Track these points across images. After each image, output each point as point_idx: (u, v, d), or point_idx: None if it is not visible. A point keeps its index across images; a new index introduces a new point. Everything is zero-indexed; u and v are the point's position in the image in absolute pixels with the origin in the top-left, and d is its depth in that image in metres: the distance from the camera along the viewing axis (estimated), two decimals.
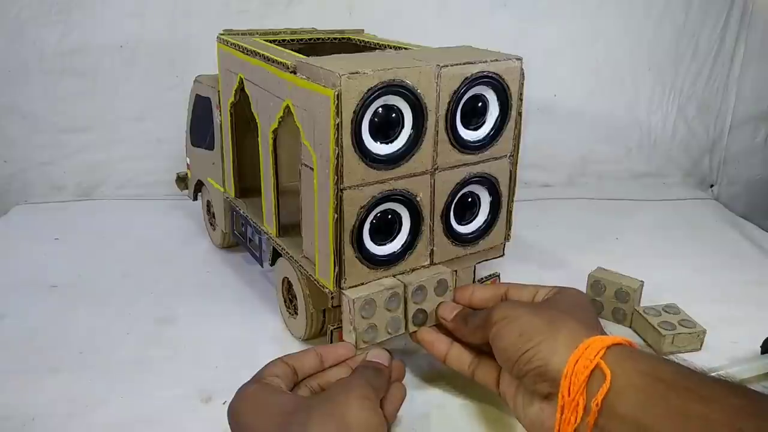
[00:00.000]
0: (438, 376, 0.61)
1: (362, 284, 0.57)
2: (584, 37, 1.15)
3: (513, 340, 0.46)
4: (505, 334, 0.47)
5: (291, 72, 0.57)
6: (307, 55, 0.59)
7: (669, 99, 1.19)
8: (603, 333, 0.46)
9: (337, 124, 0.51)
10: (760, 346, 0.63)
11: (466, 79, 0.56)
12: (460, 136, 0.58)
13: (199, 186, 0.91)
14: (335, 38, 0.81)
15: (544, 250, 0.90)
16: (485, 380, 0.54)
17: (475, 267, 0.67)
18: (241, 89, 0.70)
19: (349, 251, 0.56)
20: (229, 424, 0.47)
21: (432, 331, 0.59)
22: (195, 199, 0.94)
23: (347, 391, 0.46)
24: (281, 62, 0.59)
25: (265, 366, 0.52)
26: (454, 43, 0.67)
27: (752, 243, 0.95)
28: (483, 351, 0.55)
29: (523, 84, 0.60)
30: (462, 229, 0.63)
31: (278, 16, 1.06)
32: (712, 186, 1.23)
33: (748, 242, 0.95)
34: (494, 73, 0.58)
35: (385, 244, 0.59)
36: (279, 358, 0.53)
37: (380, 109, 0.54)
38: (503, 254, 0.69)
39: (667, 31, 1.15)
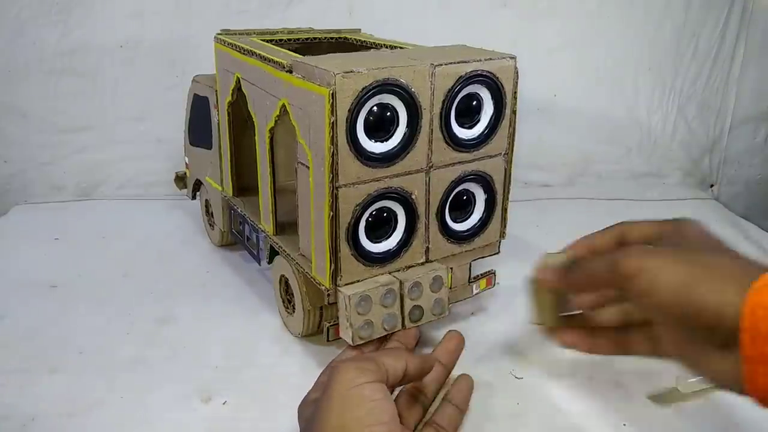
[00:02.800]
0: None
1: (358, 281, 0.58)
2: (584, 37, 1.15)
3: (668, 295, 0.40)
4: (654, 288, 0.41)
5: (287, 71, 0.58)
6: (304, 55, 0.59)
7: (669, 99, 1.19)
8: (759, 266, 0.40)
9: (332, 123, 0.51)
10: None
11: (461, 77, 0.56)
12: (454, 134, 0.59)
13: (198, 185, 0.91)
14: (332, 38, 0.81)
15: (544, 250, 0.89)
16: (644, 351, 0.50)
17: (470, 264, 0.67)
18: (238, 89, 0.70)
19: (344, 249, 0.56)
20: None
21: (574, 332, 0.53)
22: (194, 198, 0.94)
23: (329, 385, 0.45)
24: (277, 61, 0.59)
25: (318, 376, 0.53)
26: (454, 43, 0.67)
27: (752, 243, 0.94)
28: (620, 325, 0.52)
29: (517, 83, 0.61)
30: (457, 227, 0.64)
31: (278, 16, 1.07)
32: (712, 186, 1.23)
33: (748, 242, 0.95)
34: (488, 72, 0.58)
35: (380, 242, 0.59)
36: (328, 364, 0.54)
37: (375, 107, 0.54)
38: (498, 251, 0.69)
39: (667, 31, 1.15)
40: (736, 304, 0.37)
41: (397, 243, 0.59)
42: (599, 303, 0.53)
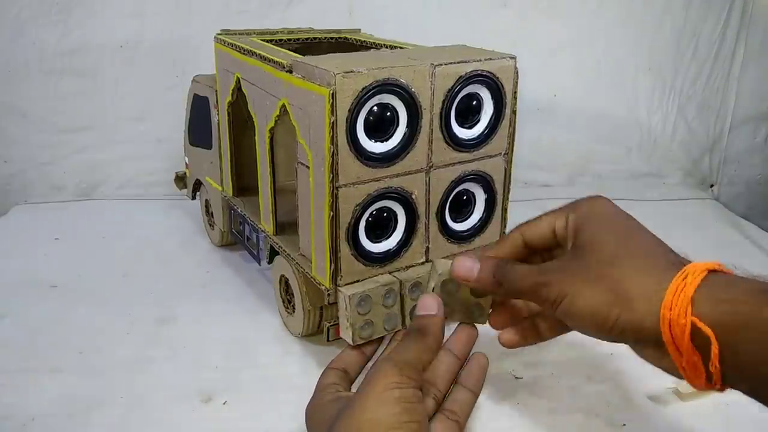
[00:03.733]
0: None
1: (358, 281, 0.58)
2: (584, 37, 1.15)
3: (588, 323, 0.41)
4: (575, 316, 0.42)
5: (287, 71, 0.58)
6: (304, 55, 0.59)
7: (669, 99, 1.19)
8: (666, 253, 0.41)
9: (332, 123, 0.51)
10: None
11: (461, 77, 0.56)
12: (454, 134, 0.59)
13: (198, 185, 0.91)
14: (332, 38, 0.81)
15: None
16: None
17: None
18: (238, 89, 0.70)
19: (344, 249, 0.56)
20: None
21: (513, 332, 0.52)
22: (194, 198, 0.94)
23: (368, 384, 0.44)
24: (277, 61, 0.59)
25: (319, 378, 0.52)
26: (454, 43, 0.67)
27: (752, 243, 0.94)
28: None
29: (517, 82, 0.61)
30: (457, 227, 0.63)
31: (278, 16, 1.07)
32: (712, 186, 1.23)
33: (748, 242, 0.95)
34: (488, 72, 0.58)
35: (380, 242, 0.59)
36: (327, 366, 0.53)
37: (375, 107, 0.54)
38: None
39: (667, 31, 1.15)
40: (652, 314, 0.38)
41: (397, 243, 0.59)
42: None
